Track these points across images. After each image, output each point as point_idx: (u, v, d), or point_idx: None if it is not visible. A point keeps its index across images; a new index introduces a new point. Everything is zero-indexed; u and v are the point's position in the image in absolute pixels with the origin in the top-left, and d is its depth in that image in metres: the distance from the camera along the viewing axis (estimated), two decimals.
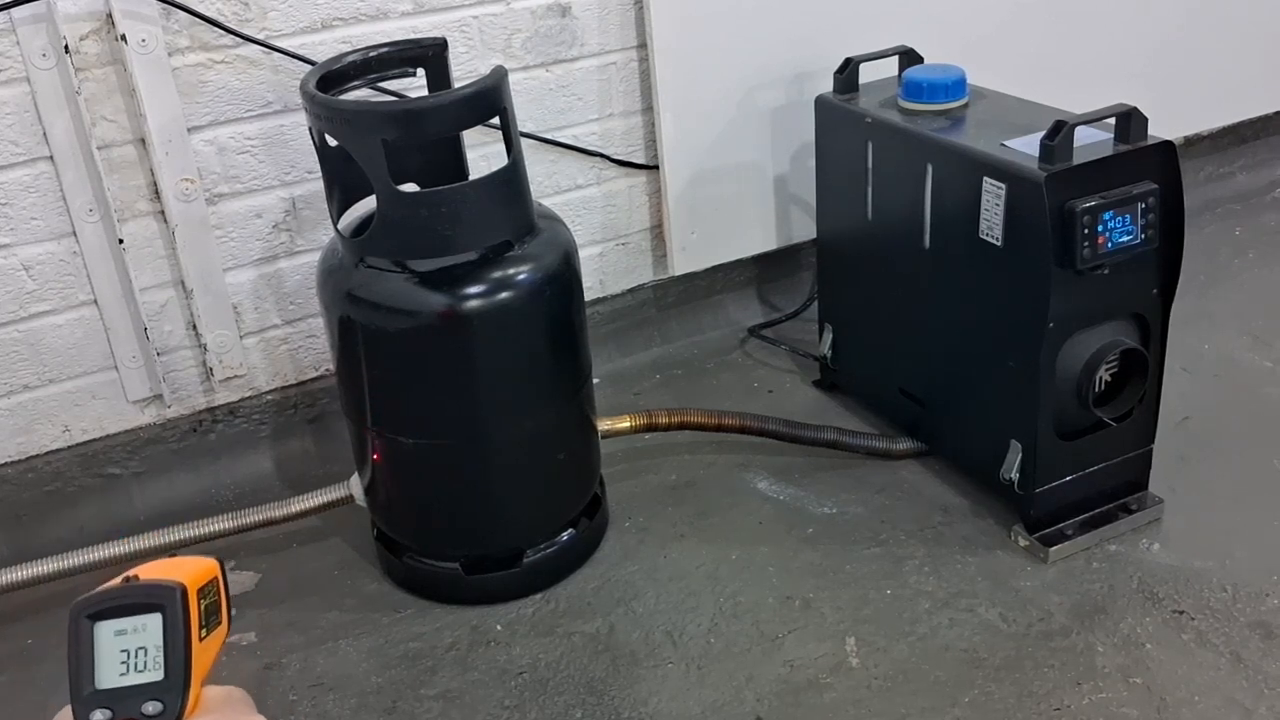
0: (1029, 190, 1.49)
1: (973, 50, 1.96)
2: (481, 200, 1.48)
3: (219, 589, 0.66)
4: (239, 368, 1.90)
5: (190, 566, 0.65)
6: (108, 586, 0.63)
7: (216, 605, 0.66)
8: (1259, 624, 1.50)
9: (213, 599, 0.65)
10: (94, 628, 0.61)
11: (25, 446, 1.81)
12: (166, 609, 0.62)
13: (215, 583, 0.66)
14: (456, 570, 1.64)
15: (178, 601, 0.62)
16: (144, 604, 0.62)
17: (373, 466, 1.62)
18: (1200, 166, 2.69)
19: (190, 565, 0.65)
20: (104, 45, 1.65)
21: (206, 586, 0.65)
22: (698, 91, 2.05)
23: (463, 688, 1.50)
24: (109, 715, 0.60)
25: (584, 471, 1.71)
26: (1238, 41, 2.53)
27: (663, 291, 2.26)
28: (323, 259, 1.57)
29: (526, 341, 1.54)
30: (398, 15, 1.83)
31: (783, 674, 1.48)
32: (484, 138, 1.86)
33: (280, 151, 1.81)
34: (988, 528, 1.71)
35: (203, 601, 0.64)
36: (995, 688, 1.44)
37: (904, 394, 1.88)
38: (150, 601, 0.62)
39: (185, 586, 0.62)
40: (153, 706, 0.60)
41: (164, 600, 0.62)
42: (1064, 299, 1.52)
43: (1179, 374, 2.00)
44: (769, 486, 1.85)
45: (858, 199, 1.84)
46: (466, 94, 1.43)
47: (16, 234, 1.69)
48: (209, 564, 0.66)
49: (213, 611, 0.65)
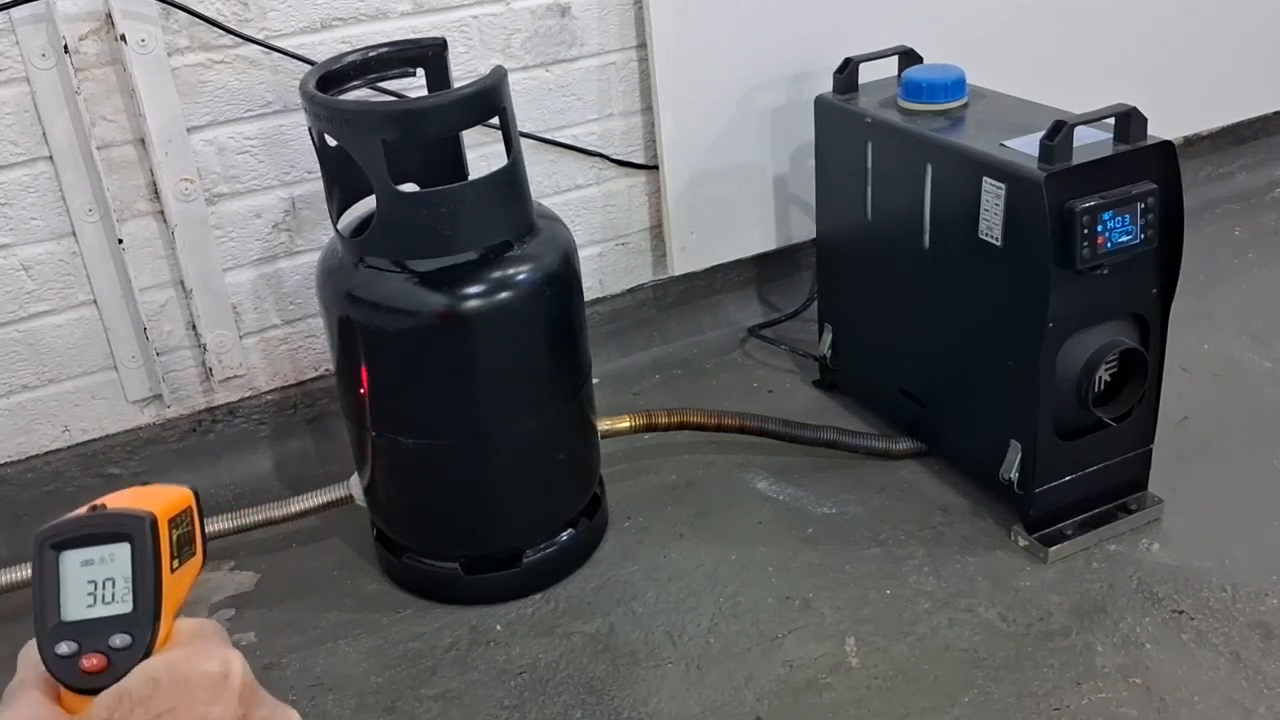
0: (1028, 190, 1.49)
1: (972, 50, 1.96)
2: (481, 200, 1.48)
3: (193, 519, 0.63)
4: (238, 368, 1.90)
5: (162, 495, 0.62)
6: (74, 515, 0.60)
7: (190, 536, 0.62)
8: (1258, 624, 1.50)
9: (185, 529, 0.62)
10: (59, 557, 0.59)
11: (25, 446, 1.81)
12: (135, 538, 0.59)
13: (189, 512, 0.63)
14: (456, 570, 1.64)
15: (147, 531, 0.59)
16: (111, 533, 0.59)
17: (372, 466, 1.62)
18: (1200, 166, 2.69)
19: (162, 493, 0.62)
20: (103, 45, 1.65)
21: (179, 516, 0.61)
22: (697, 91, 2.05)
23: (462, 688, 1.50)
24: (75, 648, 0.57)
25: (584, 471, 1.71)
26: (1237, 41, 2.53)
27: (662, 291, 2.26)
28: (322, 259, 1.57)
29: (526, 341, 1.54)
30: (397, 15, 1.83)
31: (782, 674, 1.48)
32: (484, 138, 1.86)
33: (280, 151, 1.81)
34: (987, 528, 1.71)
35: (175, 531, 0.61)
36: (995, 688, 1.44)
37: (904, 394, 1.88)
38: (118, 530, 0.59)
39: (155, 515, 0.59)
40: (121, 639, 0.58)
41: (132, 529, 0.59)
42: (1063, 299, 1.52)
43: (1178, 374, 2.00)
44: (769, 486, 1.85)
45: (857, 199, 1.84)
46: (466, 94, 1.43)
47: (16, 234, 1.69)
48: (182, 492, 0.63)
49: (186, 542, 0.62)
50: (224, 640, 0.60)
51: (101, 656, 0.57)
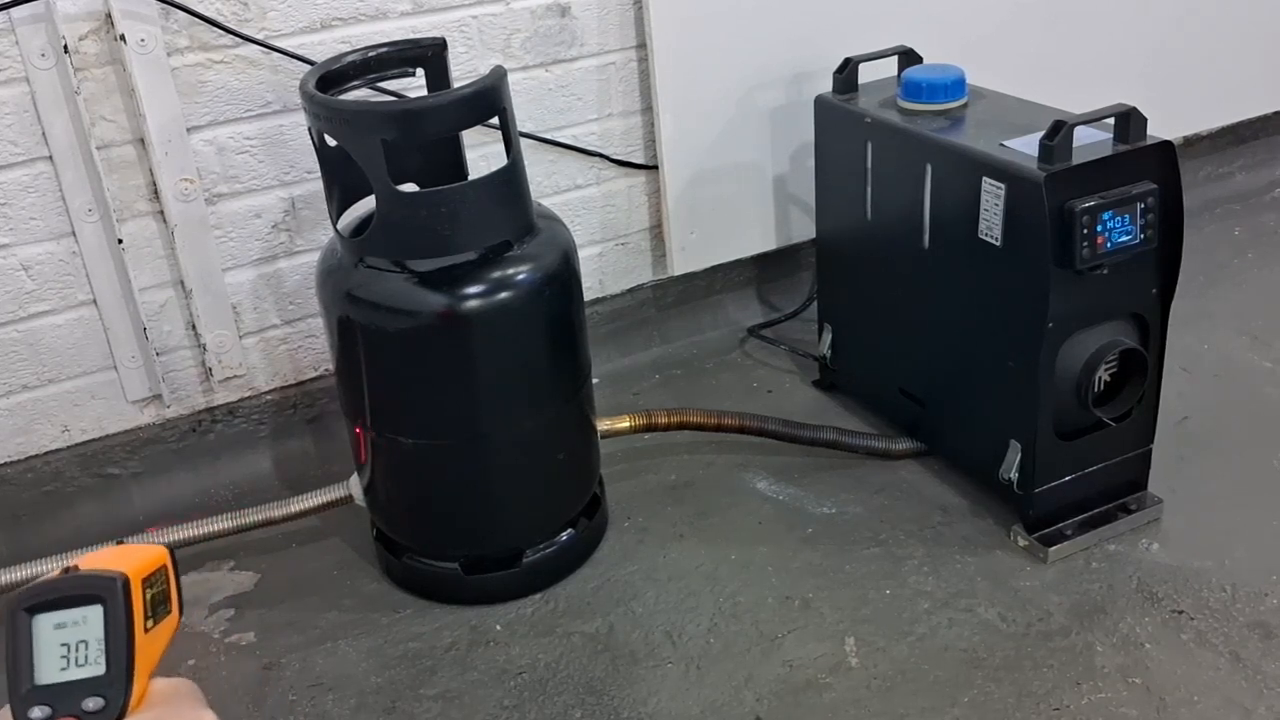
0: (1028, 190, 1.49)
1: (972, 50, 1.96)
2: (481, 200, 1.48)
3: (167, 577, 0.63)
4: (238, 368, 1.90)
5: (135, 555, 0.62)
6: (47, 578, 0.60)
7: (165, 595, 0.63)
8: (1258, 624, 1.50)
9: (160, 588, 0.62)
10: (32, 621, 0.59)
11: (24, 446, 1.81)
12: (107, 600, 0.59)
13: (163, 571, 0.63)
14: (456, 570, 1.64)
15: (119, 592, 0.59)
16: (83, 595, 0.59)
17: (372, 466, 1.62)
18: (1199, 166, 2.69)
19: (135, 553, 0.62)
20: (103, 45, 1.65)
21: (153, 576, 0.62)
22: (697, 91, 2.05)
23: (462, 688, 1.50)
24: (48, 712, 0.57)
25: (583, 471, 1.71)
26: (1237, 41, 2.53)
27: (662, 291, 2.26)
28: (322, 259, 1.57)
29: (526, 341, 1.54)
30: (397, 15, 1.83)
31: (782, 674, 1.48)
32: (483, 138, 1.86)
33: (279, 151, 1.81)
34: (987, 528, 1.71)
35: (149, 591, 0.61)
36: (994, 688, 1.44)
37: (903, 394, 1.88)
38: (90, 593, 0.59)
39: (127, 576, 0.60)
40: (94, 702, 0.58)
41: (104, 591, 0.59)
42: (1063, 299, 1.52)
43: (1178, 374, 2.01)
44: (768, 486, 1.85)
45: (857, 199, 1.84)
46: (466, 94, 1.43)
47: (16, 234, 1.69)
48: (157, 551, 0.63)
49: (160, 601, 0.62)
50: (199, 701, 0.60)
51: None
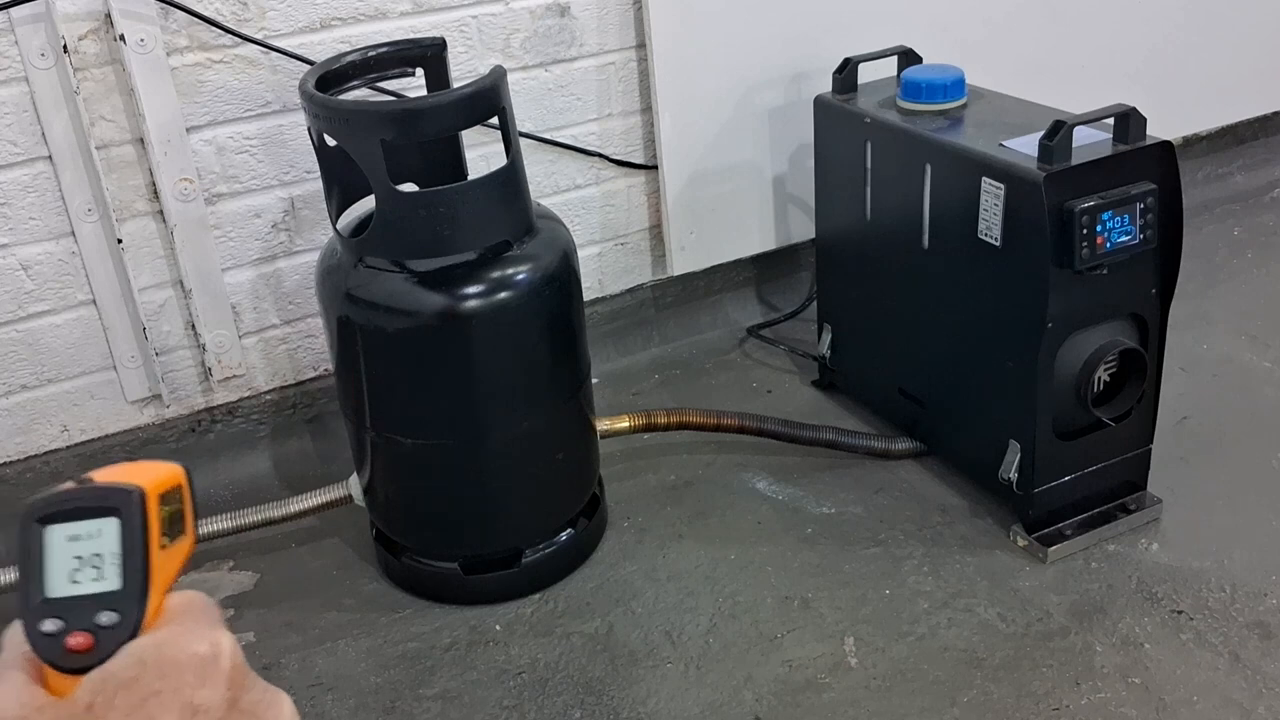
0: (1028, 190, 1.49)
1: (971, 50, 1.96)
2: (480, 200, 1.48)
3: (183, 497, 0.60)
4: (237, 367, 1.90)
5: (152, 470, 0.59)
6: (61, 488, 0.57)
7: (180, 514, 0.60)
8: (1257, 624, 1.50)
9: (176, 507, 0.59)
10: (44, 532, 0.56)
11: (24, 446, 1.81)
12: (123, 513, 0.56)
13: (179, 490, 0.60)
14: (455, 570, 1.64)
15: (135, 505, 0.56)
16: (98, 507, 0.57)
17: (371, 466, 1.62)
18: (1199, 167, 2.69)
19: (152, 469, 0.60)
20: (102, 45, 1.65)
21: (170, 493, 0.59)
22: (696, 91, 2.05)
23: (461, 688, 1.50)
24: (60, 625, 0.55)
25: (583, 471, 1.71)
26: (1236, 42, 2.53)
27: (661, 291, 2.26)
28: (321, 259, 1.57)
29: (525, 341, 1.54)
30: (396, 15, 1.82)
31: (781, 674, 1.48)
32: (483, 138, 1.86)
33: (279, 151, 1.81)
34: (986, 528, 1.71)
35: (165, 508, 0.58)
36: (994, 688, 1.44)
37: (903, 394, 1.88)
38: (105, 505, 0.57)
39: (144, 490, 0.57)
40: (108, 617, 0.55)
41: (120, 504, 0.57)
42: (1062, 299, 1.52)
43: (1177, 374, 2.01)
44: (767, 486, 1.85)
45: (856, 199, 1.84)
46: (465, 94, 1.43)
47: (15, 234, 1.69)
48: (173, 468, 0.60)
49: (176, 520, 0.59)
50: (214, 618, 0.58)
51: (88, 635, 0.55)
